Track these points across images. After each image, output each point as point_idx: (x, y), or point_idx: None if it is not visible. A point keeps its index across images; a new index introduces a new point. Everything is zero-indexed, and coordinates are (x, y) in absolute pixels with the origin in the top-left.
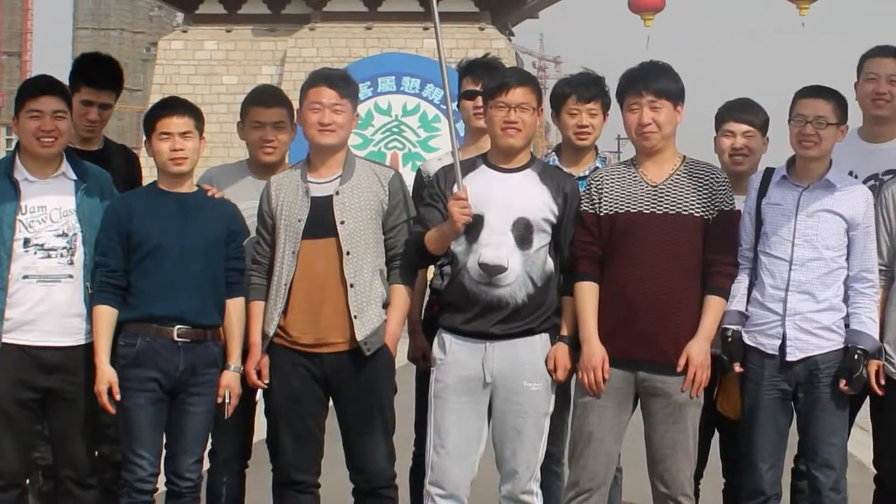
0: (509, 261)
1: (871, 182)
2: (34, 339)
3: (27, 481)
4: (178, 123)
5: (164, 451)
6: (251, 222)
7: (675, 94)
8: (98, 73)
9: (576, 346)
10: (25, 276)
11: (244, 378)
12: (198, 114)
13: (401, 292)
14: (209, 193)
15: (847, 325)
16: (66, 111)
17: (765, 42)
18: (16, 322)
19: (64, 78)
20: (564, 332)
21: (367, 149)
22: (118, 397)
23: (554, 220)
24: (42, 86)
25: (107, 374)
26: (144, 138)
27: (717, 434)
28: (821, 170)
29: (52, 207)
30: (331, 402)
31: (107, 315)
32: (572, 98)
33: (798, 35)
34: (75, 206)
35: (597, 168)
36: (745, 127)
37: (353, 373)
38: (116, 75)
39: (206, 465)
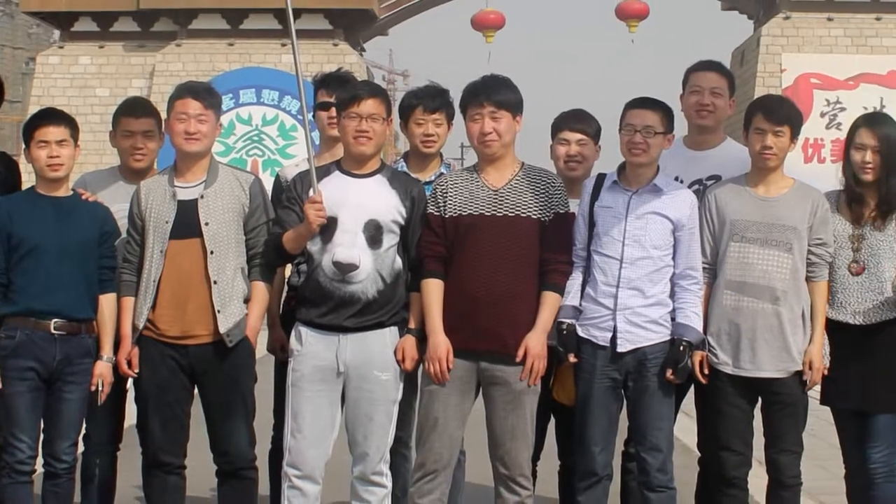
0: (361, 259)
1: (696, 186)
2: None
3: None
4: (54, 132)
5: (41, 436)
6: (122, 224)
7: (514, 105)
8: None
9: (422, 338)
10: None
11: (116, 368)
12: (73, 123)
13: (260, 289)
14: (83, 197)
15: (673, 319)
16: None
17: (598, 56)
18: None
19: None
20: (412, 325)
21: (230, 156)
22: None
23: (402, 221)
24: None
25: None
26: (24, 146)
27: (553, 419)
28: (649, 175)
29: None
30: (196, 390)
31: None
32: (419, 109)
33: (629, 50)
34: None
35: (442, 174)
36: (579, 136)
37: (216, 363)
38: None
39: (81, 447)
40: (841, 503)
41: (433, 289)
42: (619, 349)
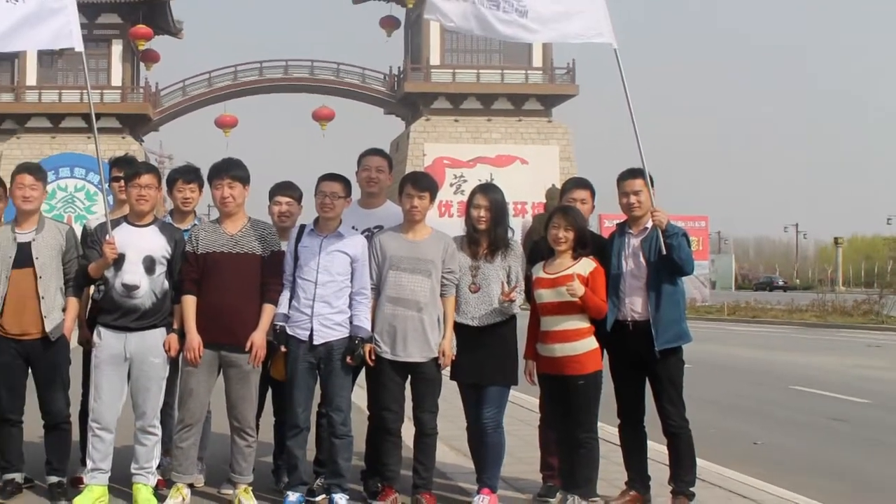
0: (141, 282)
1: (367, 233)
2: None
3: None
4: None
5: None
6: None
7: (244, 178)
8: None
9: (182, 335)
10: None
11: None
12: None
13: (73, 301)
14: None
15: (351, 322)
16: None
17: (301, 145)
18: None
19: None
20: (175, 326)
21: (53, 212)
22: None
23: (168, 256)
24: None
25: None
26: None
27: (270, 390)
28: (335, 226)
29: None
30: (30, 370)
31: None
32: (180, 181)
33: (321, 141)
34: None
35: (195, 224)
36: (288, 199)
37: (43, 351)
38: None
39: None
40: (464, 447)
41: (189, 302)
42: (315, 343)
